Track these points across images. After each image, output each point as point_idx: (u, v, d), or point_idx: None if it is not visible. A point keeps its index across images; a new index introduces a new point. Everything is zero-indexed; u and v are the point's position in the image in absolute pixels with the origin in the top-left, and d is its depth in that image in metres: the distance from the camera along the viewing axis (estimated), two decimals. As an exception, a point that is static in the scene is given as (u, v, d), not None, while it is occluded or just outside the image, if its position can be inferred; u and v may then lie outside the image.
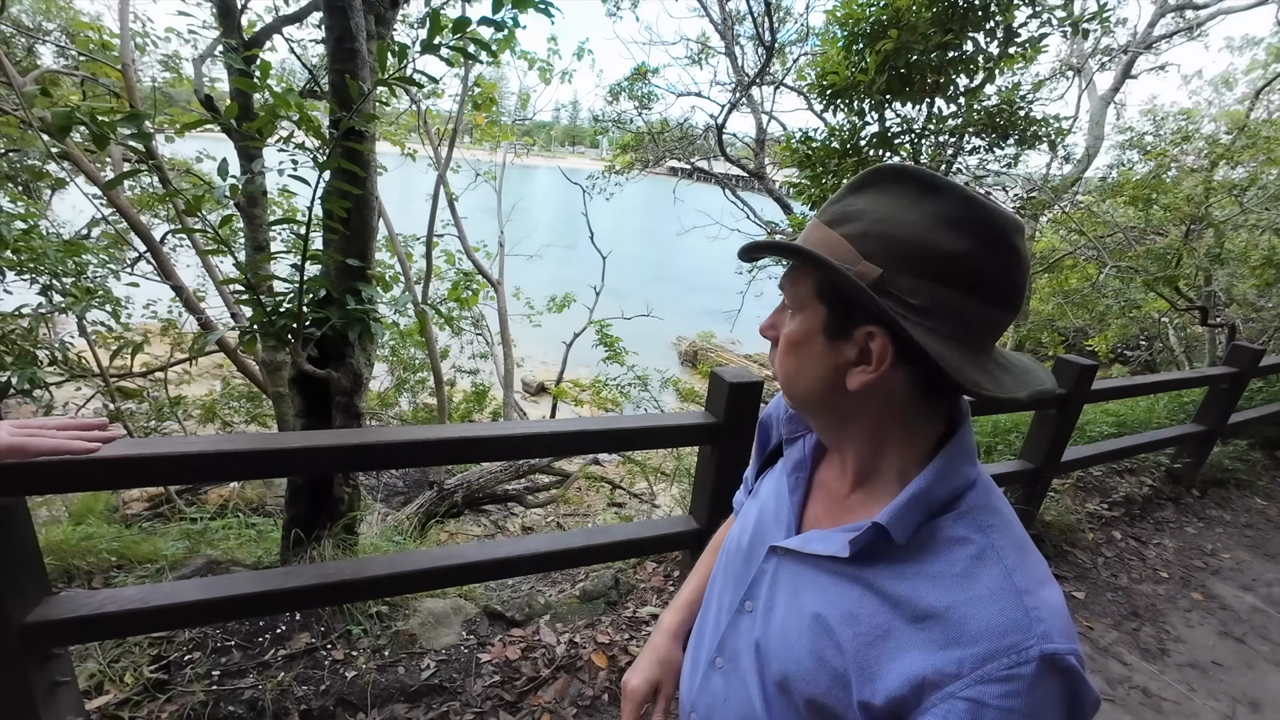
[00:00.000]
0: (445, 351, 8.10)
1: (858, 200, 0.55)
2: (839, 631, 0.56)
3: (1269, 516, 3.75)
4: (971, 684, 0.48)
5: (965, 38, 3.53)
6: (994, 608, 0.49)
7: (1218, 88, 11.55)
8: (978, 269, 0.51)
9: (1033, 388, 0.54)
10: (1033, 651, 0.47)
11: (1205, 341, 5.93)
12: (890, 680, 0.52)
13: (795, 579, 0.63)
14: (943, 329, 0.51)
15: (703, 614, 0.81)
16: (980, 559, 0.52)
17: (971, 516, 0.55)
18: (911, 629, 0.52)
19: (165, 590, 1.46)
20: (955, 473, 0.56)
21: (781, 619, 0.63)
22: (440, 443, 1.47)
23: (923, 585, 0.53)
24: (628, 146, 8.07)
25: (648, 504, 6.56)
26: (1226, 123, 7.69)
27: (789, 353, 0.60)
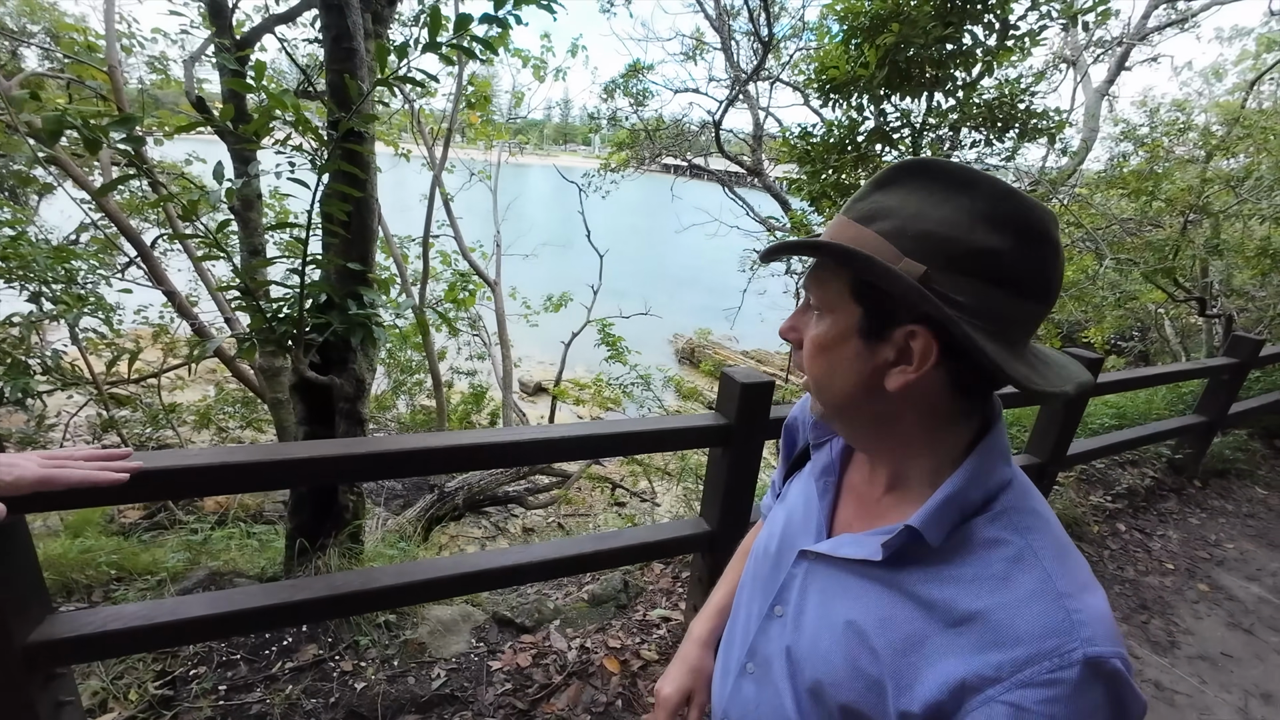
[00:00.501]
0: (443, 353, 8.05)
1: (886, 197, 0.54)
2: (873, 638, 0.55)
3: (1270, 506, 3.77)
4: (1011, 688, 0.46)
5: (964, 31, 3.51)
6: (1034, 610, 0.48)
7: (1208, 79, 11.63)
8: (1017, 265, 0.50)
9: (1075, 380, 0.53)
10: (1076, 655, 0.46)
11: (1202, 332, 5.97)
12: (928, 688, 0.51)
13: (826, 584, 0.62)
14: (987, 326, 0.50)
15: (732, 620, 0.80)
16: (1018, 561, 0.51)
17: (1008, 518, 0.54)
18: (948, 634, 0.51)
19: (169, 606, 1.42)
20: (989, 473, 0.55)
21: (813, 625, 0.62)
22: (451, 450, 1.44)
23: (958, 589, 0.52)
24: (623, 144, 8.03)
25: (649, 503, 6.54)
26: (1218, 114, 7.72)
27: (820, 355, 0.58)
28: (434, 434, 1.50)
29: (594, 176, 8.27)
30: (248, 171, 2.02)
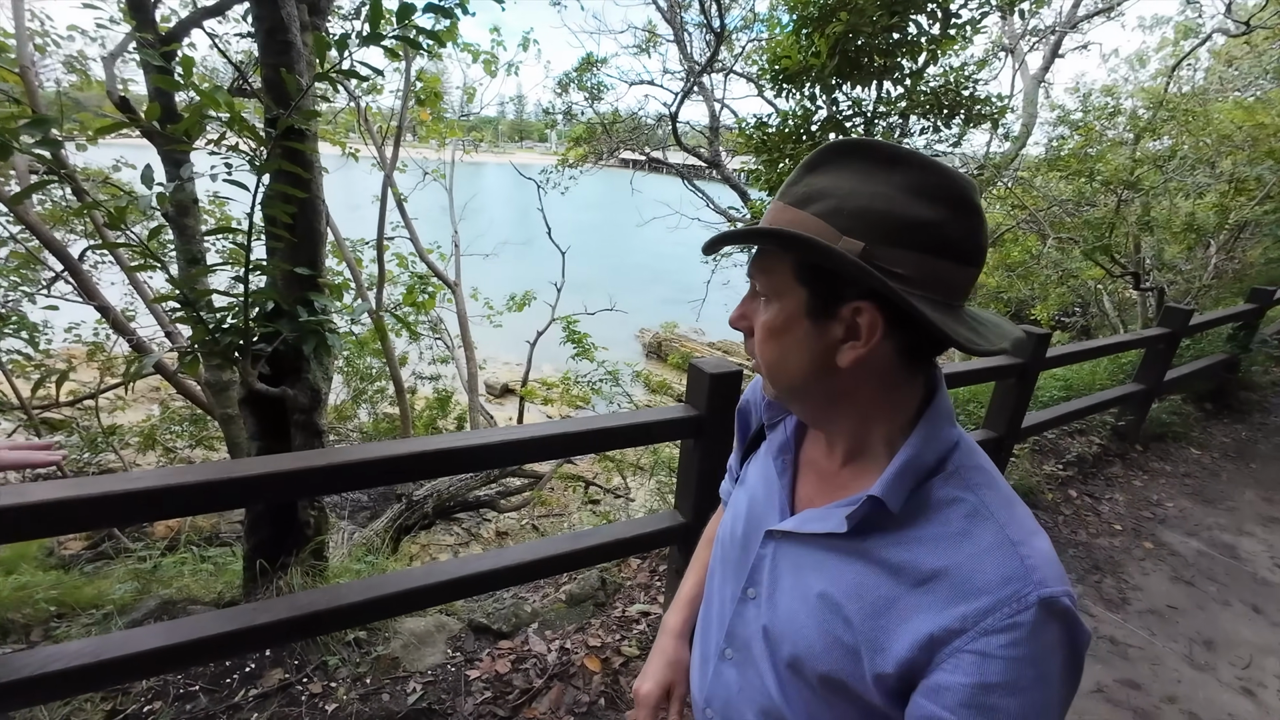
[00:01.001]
0: (404, 358, 7.83)
1: (819, 179, 0.55)
2: (845, 607, 0.57)
3: (1204, 465, 4.03)
4: (976, 637, 0.49)
5: (909, 20, 3.60)
6: (992, 561, 0.51)
7: (1133, 65, 12.29)
8: (950, 233, 0.52)
9: (1010, 337, 0.55)
10: (1031, 597, 0.49)
11: (1138, 305, 6.33)
12: (900, 647, 0.53)
13: (796, 560, 0.64)
14: (928, 294, 0.52)
15: (705, 608, 0.81)
16: (974, 517, 0.54)
17: (960, 476, 0.57)
18: (915, 594, 0.53)
19: (118, 640, 1.33)
20: (939, 436, 0.58)
21: (787, 601, 0.63)
22: (417, 457, 1.39)
23: (921, 549, 0.54)
24: (580, 138, 7.94)
25: (624, 499, 6.54)
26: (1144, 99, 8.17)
27: (771, 340, 0.59)
28: (398, 441, 1.45)
29: (552, 173, 8.15)
30: (180, 175, 1.90)
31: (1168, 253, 6.07)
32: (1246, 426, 4.69)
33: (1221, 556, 3.00)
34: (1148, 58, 12.25)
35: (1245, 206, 5.47)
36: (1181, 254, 5.99)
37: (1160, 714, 2.03)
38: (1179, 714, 2.04)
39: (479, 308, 8.54)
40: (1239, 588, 2.76)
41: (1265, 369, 5.52)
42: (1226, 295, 6.59)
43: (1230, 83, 9.70)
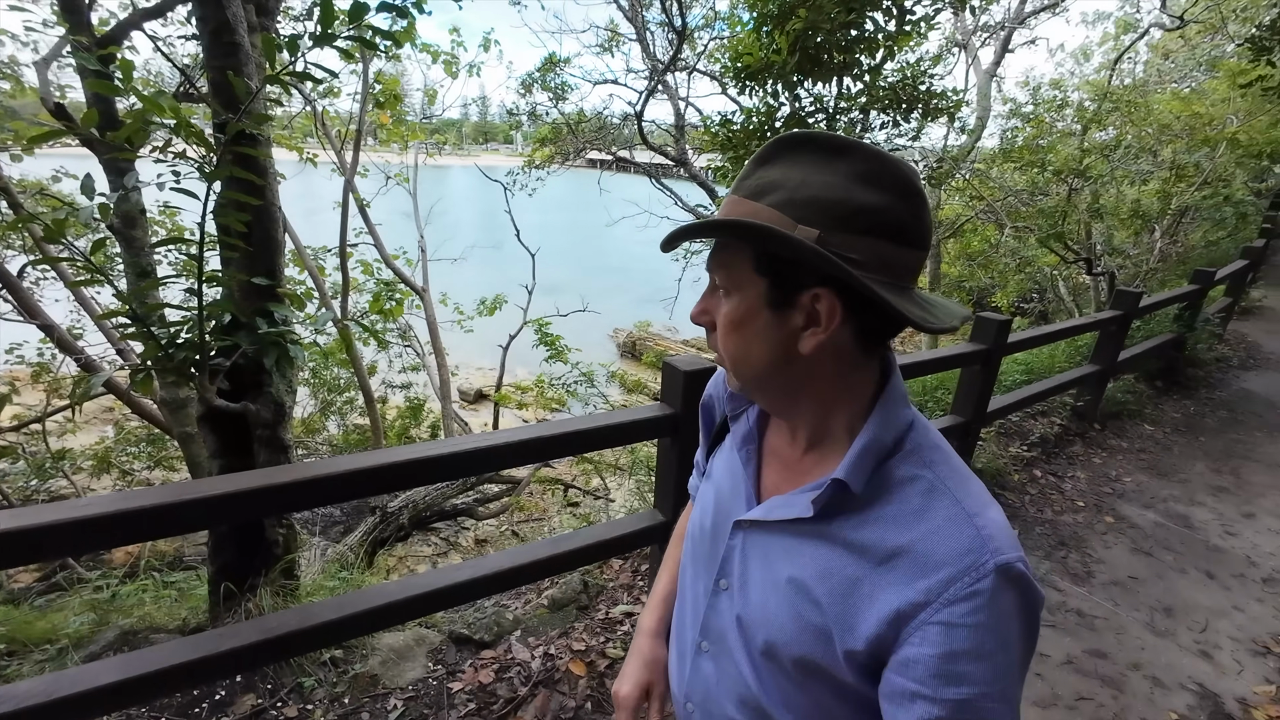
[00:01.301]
0: (373, 368, 7.65)
1: (770, 171, 0.56)
2: (815, 589, 0.58)
3: (1157, 440, 4.22)
4: (939, 608, 0.51)
5: (865, 17, 3.67)
6: (951, 534, 0.53)
7: (1078, 59, 12.80)
8: (898, 217, 0.53)
9: (959, 315, 0.58)
10: (989, 565, 0.51)
11: (1091, 290, 6.60)
12: (868, 624, 0.55)
13: (765, 548, 0.65)
14: (881, 277, 0.53)
15: (679, 605, 0.81)
16: (931, 493, 0.56)
17: (917, 455, 0.58)
18: (880, 572, 0.55)
19: (73, 676, 1.26)
20: (896, 417, 0.59)
21: (758, 589, 0.64)
22: (389, 469, 1.35)
23: (884, 528, 0.56)
24: (546, 139, 7.87)
25: (603, 500, 6.51)
26: (1089, 91, 8.51)
27: (733, 333, 0.59)
28: (369, 453, 1.41)
29: (519, 174, 8.06)
30: (124, 184, 1.81)
31: (1116, 238, 6.35)
32: (1194, 402, 4.92)
33: (1176, 527, 3.14)
34: (1091, 52, 12.77)
35: (1185, 192, 5.76)
36: (1129, 239, 6.27)
37: (1126, 680, 2.11)
38: (1143, 680, 2.12)
39: (449, 313, 8.39)
40: (1193, 555, 2.90)
41: (1209, 346, 5.81)
42: (1171, 278, 6.92)
43: (1167, 75, 10.18)
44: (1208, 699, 2.06)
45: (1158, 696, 2.06)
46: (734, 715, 0.69)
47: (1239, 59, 6.21)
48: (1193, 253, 7.50)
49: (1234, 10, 7.51)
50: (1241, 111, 6.16)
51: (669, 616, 0.87)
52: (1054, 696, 2.03)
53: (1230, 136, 5.66)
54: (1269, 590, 2.68)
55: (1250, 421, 4.59)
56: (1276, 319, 7.74)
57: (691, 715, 0.76)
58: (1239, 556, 2.91)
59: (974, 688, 0.50)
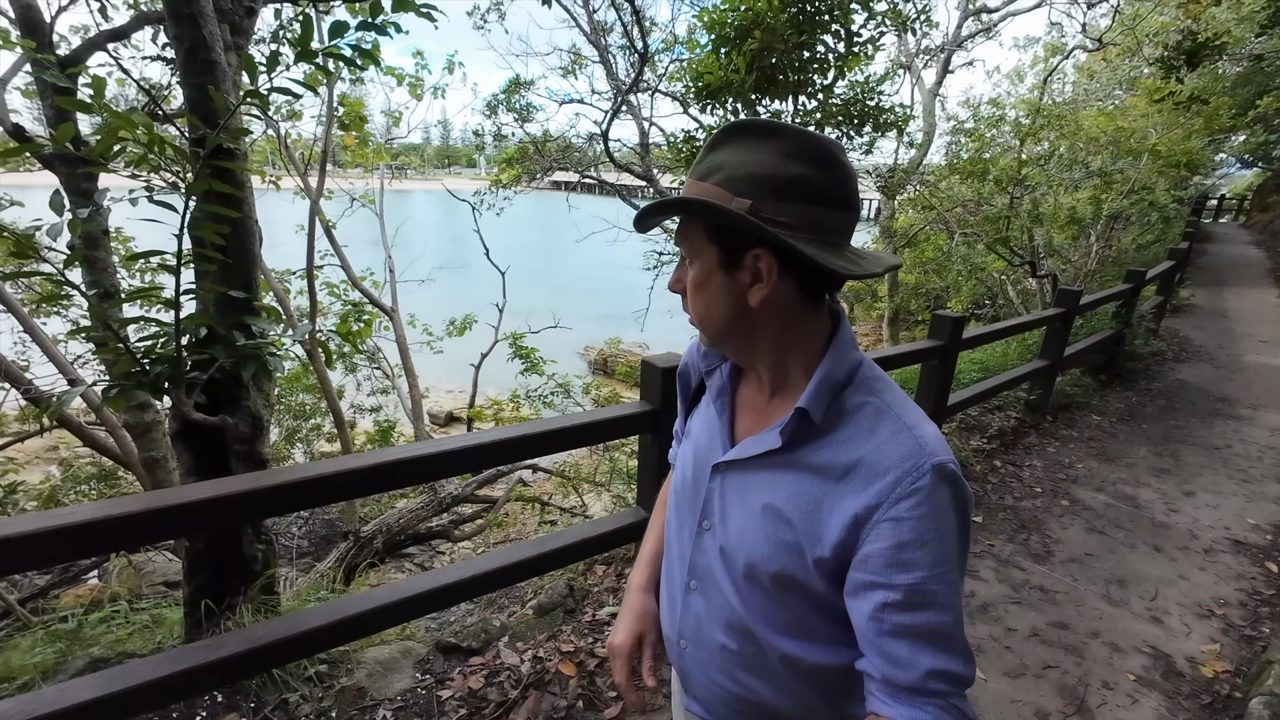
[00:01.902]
0: (341, 391, 7.48)
1: (717, 155, 0.66)
2: (786, 510, 0.67)
3: (1104, 428, 4.48)
4: (889, 507, 0.60)
5: (817, 39, 3.89)
6: (895, 444, 0.62)
7: (1013, 80, 13.69)
8: (819, 184, 0.62)
9: (886, 264, 0.67)
10: (926, 466, 0.60)
11: (1036, 293, 7.00)
12: (832, 533, 0.63)
13: (741, 484, 0.73)
14: (808, 235, 0.62)
15: (667, 557, 0.88)
16: (879, 414, 0.65)
17: (865, 385, 0.68)
18: (840, 486, 0.64)
19: (52, 695, 1.23)
20: (847, 356, 0.69)
21: (737, 520, 0.72)
22: (376, 469, 1.37)
23: (841, 448, 0.65)
24: (512, 159, 7.95)
25: (580, 516, 6.48)
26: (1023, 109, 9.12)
27: (697, 294, 0.69)
28: (354, 455, 1.42)
29: (486, 194, 8.11)
30: (94, 201, 1.80)
31: (1056, 241, 6.77)
32: (1134, 392, 5.25)
33: (1125, 506, 3.34)
34: (1024, 73, 13.67)
35: (1114, 199, 6.21)
36: (1068, 243, 6.69)
37: (1087, 648, 2.24)
38: (1102, 646, 2.25)
39: (418, 335, 8.30)
40: (1141, 532, 3.09)
41: (1145, 341, 6.22)
42: (1108, 279, 7.39)
43: (1093, 93, 10.98)
44: (1160, 659, 2.20)
45: (1116, 660, 2.19)
46: (723, 640, 0.76)
47: (1154, 78, 6.79)
48: (1125, 255, 8.05)
49: (1147, 35, 8.25)
50: (1160, 125, 6.70)
51: (656, 574, 0.93)
52: (1022, 666, 2.14)
53: (1151, 148, 6.15)
54: (1209, 560, 2.87)
55: (1185, 409, 4.93)
56: (1203, 316, 8.33)
57: (685, 651, 0.82)
58: (1182, 530, 3.11)
59: (920, 571, 0.59)
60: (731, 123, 0.66)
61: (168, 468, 2.90)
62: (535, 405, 6.02)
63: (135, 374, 1.64)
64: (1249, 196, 21.75)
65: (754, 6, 3.45)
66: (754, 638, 0.73)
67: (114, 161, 1.73)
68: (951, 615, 0.60)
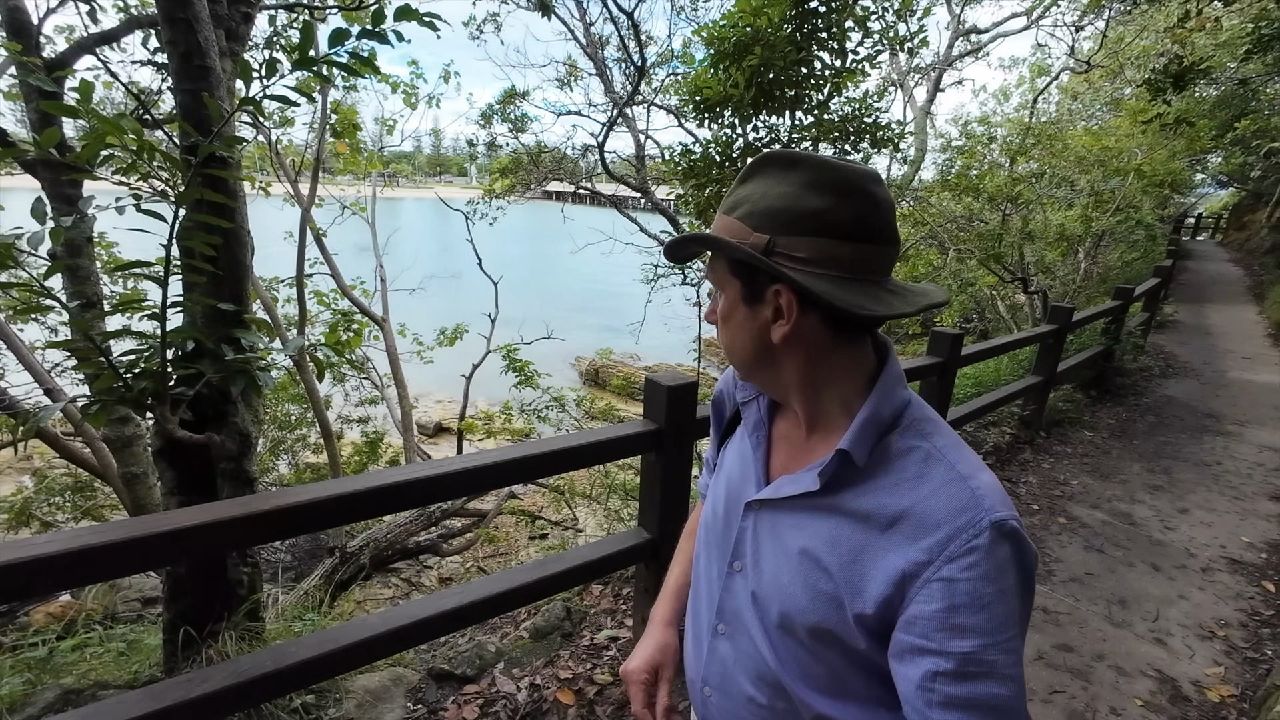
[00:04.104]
0: (328, 401, 7.35)
1: (744, 189, 0.64)
2: (824, 558, 0.62)
3: (1097, 444, 4.50)
4: (941, 565, 0.55)
5: (814, 56, 3.91)
6: (947, 495, 0.57)
7: (999, 99, 13.98)
8: (837, 217, 0.59)
9: (922, 302, 0.62)
10: (984, 522, 0.55)
11: (1026, 307, 7.08)
12: (876, 587, 0.58)
13: (775, 525, 0.68)
14: (829, 271, 0.59)
15: (694, 594, 0.83)
16: (929, 460, 0.60)
17: (915, 428, 0.63)
18: (885, 537, 0.58)
19: (19, 738, 1.14)
20: (893, 395, 0.64)
21: (771, 564, 0.67)
22: (375, 493, 1.31)
23: (886, 496, 0.59)
24: (505, 169, 7.93)
25: (572, 530, 6.39)
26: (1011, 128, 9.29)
27: (724, 326, 0.68)
28: (352, 478, 1.36)
29: (479, 204, 8.07)
30: (79, 209, 1.73)
31: (1047, 258, 6.86)
32: (1125, 408, 5.30)
33: (1122, 524, 3.34)
34: (1010, 93, 13.97)
35: (1103, 217, 6.32)
36: (1058, 260, 6.79)
37: (1093, 671, 2.21)
38: (1108, 669, 2.23)
39: (408, 344, 8.19)
40: (1139, 549, 3.08)
41: (1134, 357, 6.29)
42: (1096, 295, 7.50)
43: (1077, 114, 11.23)
44: (1166, 683, 2.18)
45: (1122, 684, 2.16)
46: (751, 693, 0.70)
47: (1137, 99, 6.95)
48: (1111, 272, 8.18)
49: (1129, 58, 8.47)
50: (1144, 146, 6.85)
51: (681, 608, 0.88)
52: (1030, 692, 2.10)
53: (1136, 168, 6.28)
54: (1207, 579, 2.87)
55: (1175, 424, 4.97)
56: (1187, 331, 8.48)
57: (709, 699, 0.76)
58: (1179, 549, 3.12)
59: (977, 639, 0.53)
60: (761, 155, 0.64)
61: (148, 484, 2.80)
62: (529, 419, 5.94)
63: (117, 389, 1.57)
64: (1225, 215, 22.34)
65: (754, 24, 3.46)
66: (785, 693, 0.68)
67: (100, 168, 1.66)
68: (1011, 688, 0.53)
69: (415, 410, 10.07)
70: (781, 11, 3.47)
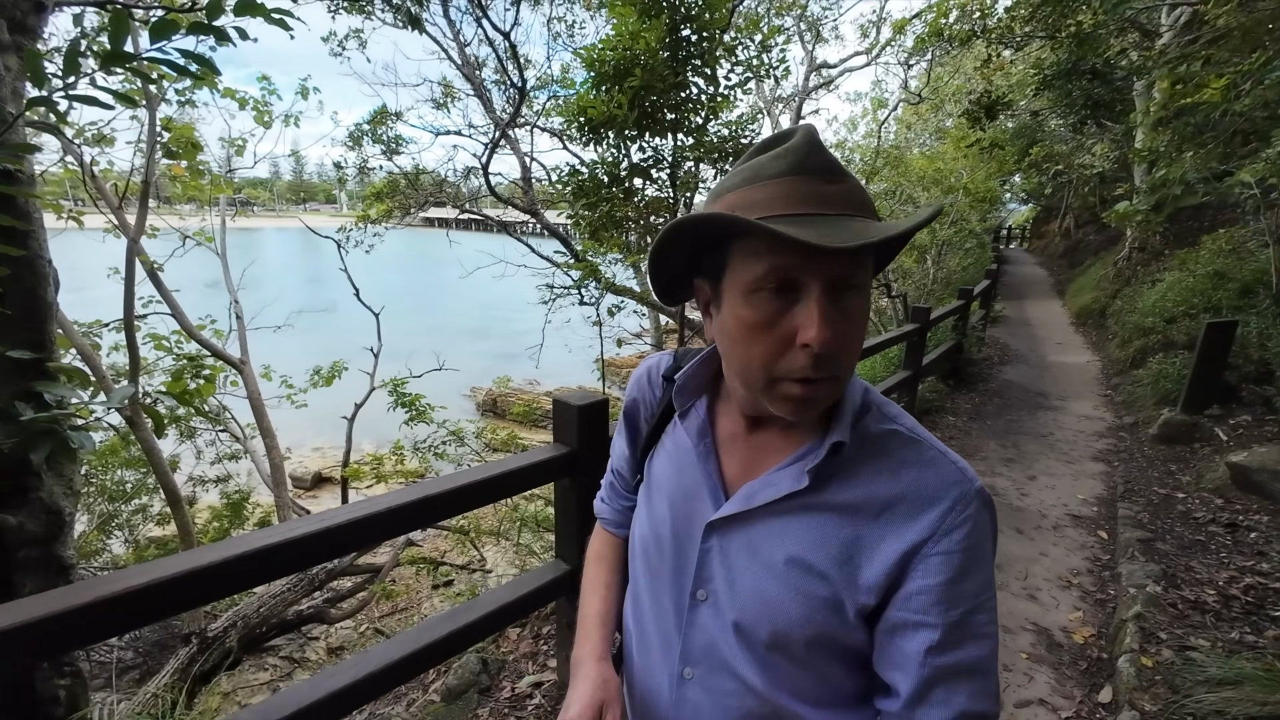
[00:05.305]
0: (174, 462, 6.31)
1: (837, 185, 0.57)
2: (815, 561, 0.58)
3: (959, 427, 5.07)
4: (939, 539, 0.55)
5: (690, 81, 4.11)
6: (937, 472, 0.58)
7: (849, 128, 15.74)
8: None
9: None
10: (972, 492, 0.57)
11: (890, 310, 7.90)
12: (874, 575, 0.56)
13: (748, 539, 0.62)
14: None
15: (638, 639, 0.73)
16: (910, 442, 0.60)
17: (880, 410, 0.62)
18: (879, 523, 0.57)
19: None
20: (853, 379, 0.63)
21: (751, 584, 0.61)
22: (237, 561, 1.09)
23: (874, 482, 0.58)
24: (381, 194, 7.43)
25: (479, 572, 5.99)
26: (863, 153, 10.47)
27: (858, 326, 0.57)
28: (202, 549, 1.12)
29: (353, 231, 7.46)
30: None
31: (905, 265, 7.73)
32: (977, 394, 6.03)
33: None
34: (857, 123, 15.79)
35: (943, 228, 7.27)
36: (914, 266, 7.66)
37: (985, 634, 2.42)
38: (996, 630, 2.45)
39: (275, 388, 7.30)
40: (1004, 517, 3.47)
41: (979, 349, 7.22)
42: (944, 296, 8.55)
43: (912, 141, 12.92)
44: (1042, 634, 2.43)
45: (1008, 641, 2.38)
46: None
47: (958, 128, 8.14)
48: (953, 276, 9.42)
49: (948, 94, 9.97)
50: (967, 167, 8.01)
51: (609, 637, 0.77)
52: (937, 663, 2.25)
53: (964, 185, 7.31)
54: (1058, 535, 3.29)
55: (1016, 404, 5.74)
56: (1014, 324, 9.92)
57: None
58: (1034, 511, 3.55)
59: (968, 604, 0.55)
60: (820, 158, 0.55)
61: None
62: (424, 458, 5.50)
63: None
64: (1029, 226, 26.75)
65: (633, 47, 3.56)
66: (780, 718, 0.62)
67: None
68: (990, 646, 0.56)
69: (288, 461, 8.99)
70: (658, 36, 3.61)
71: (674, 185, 4.35)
